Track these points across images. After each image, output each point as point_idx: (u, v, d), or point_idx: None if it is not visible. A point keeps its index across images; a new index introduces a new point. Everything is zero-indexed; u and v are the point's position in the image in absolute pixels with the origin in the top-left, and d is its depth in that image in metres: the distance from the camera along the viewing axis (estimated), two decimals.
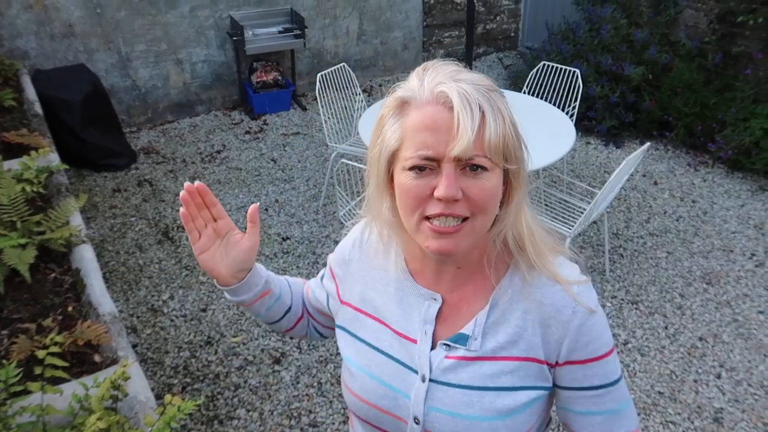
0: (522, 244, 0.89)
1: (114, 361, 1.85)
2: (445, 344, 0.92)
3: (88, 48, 4.53)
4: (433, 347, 0.93)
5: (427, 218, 0.84)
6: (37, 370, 1.44)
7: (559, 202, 3.23)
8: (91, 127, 4.14)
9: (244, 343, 2.85)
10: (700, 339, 2.83)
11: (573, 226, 2.89)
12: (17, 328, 1.95)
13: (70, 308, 2.09)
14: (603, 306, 3.02)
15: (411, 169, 0.82)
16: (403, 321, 0.96)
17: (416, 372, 0.93)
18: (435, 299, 0.94)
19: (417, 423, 0.92)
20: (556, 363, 0.90)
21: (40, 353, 1.42)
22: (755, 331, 2.86)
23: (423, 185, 0.82)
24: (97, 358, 1.89)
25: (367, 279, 1.01)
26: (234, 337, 2.89)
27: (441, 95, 0.81)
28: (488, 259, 0.91)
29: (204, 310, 3.04)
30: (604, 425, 0.92)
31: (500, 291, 0.91)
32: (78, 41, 4.48)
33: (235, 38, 4.79)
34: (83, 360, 1.86)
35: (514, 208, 0.87)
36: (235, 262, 1.00)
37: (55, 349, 1.43)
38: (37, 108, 3.55)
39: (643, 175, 4.13)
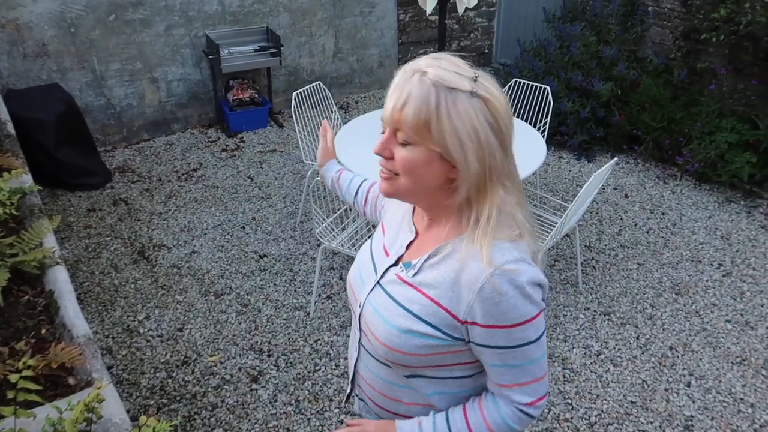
0: (477, 221, 1.08)
1: (88, 384, 1.84)
2: (402, 265, 1.19)
3: (62, 67, 4.51)
4: (396, 264, 1.20)
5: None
6: (10, 395, 1.44)
7: (533, 217, 3.28)
8: (65, 147, 4.12)
9: (221, 362, 2.85)
10: (671, 348, 2.90)
11: (545, 240, 2.95)
12: None
13: (43, 330, 2.07)
14: (576, 318, 3.08)
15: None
16: (392, 239, 1.26)
17: (377, 274, 1.23)
18: (412, 232, 1.21)
19: (359, 308, 1.25)
20: (465, 321, 1.09)
21: (13, 377, 1.42)
22: (723, 340, 2.93)
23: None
24: (71, 380, 1.88)
25: (394, 204, 1.32)
26: (211, 356, 2.89)
27: (394, 73, 1.07)
28: (449, 219, 1.14)
29: (180, 330, 3.03)
30: (512, 375, 1.12)
31: (444, 246, 1.12)
32: (51, 60, 4.46)
33: (210, 57, 4.81)
34: (57, 383, 1.85)
35: (464, 188, 1.06)
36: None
37: (28, 372, 1.43)
38: (10, 128, 3.52)
39: (615, 188, 4.23)
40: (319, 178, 2.79)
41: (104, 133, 4.83)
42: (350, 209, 3.36)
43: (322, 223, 3.05)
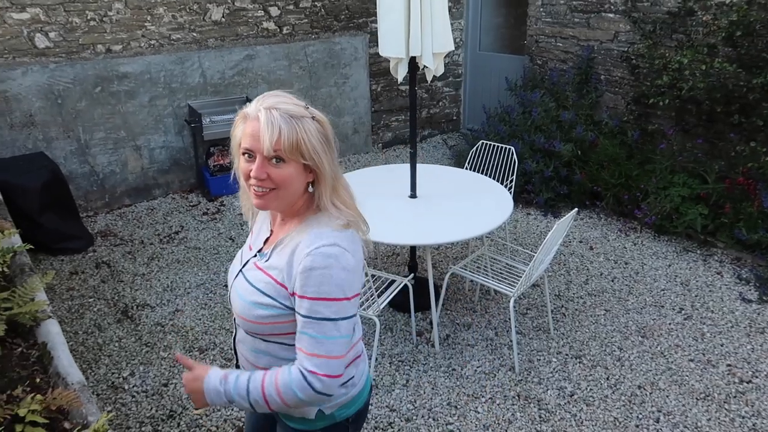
0: (323, 208, 1.41)
1: (84, 426, 1.90)
2: (258, 255, 1.50)
3: (48, 136, 4.67)
4: (255, 256, 1.51)
5: (251, 186, 1.38)
6: (18, 429, 1.51)
7: (504, 267, 3.48)
8: (48, 213, 4.22)
9: (207, 415, 2.89)
10: (639, 387, 3.04)
11: (516, 287, 3.12)
12: None
13: (37, 380, 2.13)
14: (549, 362, 3.22)
15: (243, 154, 1.38)
16: (254, 239, 1.57)
17: (240, 264, 1.54)
18: (268, 231, 1.53)
19: (229, 292, 1.55)
20: (293, 293, 1.37)
21: (21, 411, 1.49)
22: (687, 378, 3.09)
23: (248, 166, 1.37)
24: (66, 425, 1.94)
25: (258, 220, 1.62)
26: (196, 409, 2.92)
27: (259, 115, 1.33)
28: (295, 217, 1.45)
29: (165, 385, 3.07)
30: (307, 343, 1.34)
31: (287, 236, 1.43)
32: (38, 130, 4.63)
33: (193, 125, 5.03)
34: (53, 427, 1.90)
35: (322, 188, 1.39)
36: None
37: (36, 407, 1.51)
38: None
39: (580, 241, 4.47)
40: None
41: (87, 199, 4.94)
42: None
43: None
